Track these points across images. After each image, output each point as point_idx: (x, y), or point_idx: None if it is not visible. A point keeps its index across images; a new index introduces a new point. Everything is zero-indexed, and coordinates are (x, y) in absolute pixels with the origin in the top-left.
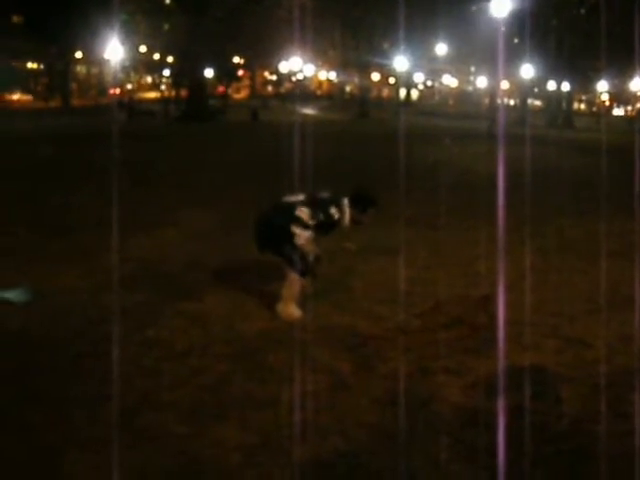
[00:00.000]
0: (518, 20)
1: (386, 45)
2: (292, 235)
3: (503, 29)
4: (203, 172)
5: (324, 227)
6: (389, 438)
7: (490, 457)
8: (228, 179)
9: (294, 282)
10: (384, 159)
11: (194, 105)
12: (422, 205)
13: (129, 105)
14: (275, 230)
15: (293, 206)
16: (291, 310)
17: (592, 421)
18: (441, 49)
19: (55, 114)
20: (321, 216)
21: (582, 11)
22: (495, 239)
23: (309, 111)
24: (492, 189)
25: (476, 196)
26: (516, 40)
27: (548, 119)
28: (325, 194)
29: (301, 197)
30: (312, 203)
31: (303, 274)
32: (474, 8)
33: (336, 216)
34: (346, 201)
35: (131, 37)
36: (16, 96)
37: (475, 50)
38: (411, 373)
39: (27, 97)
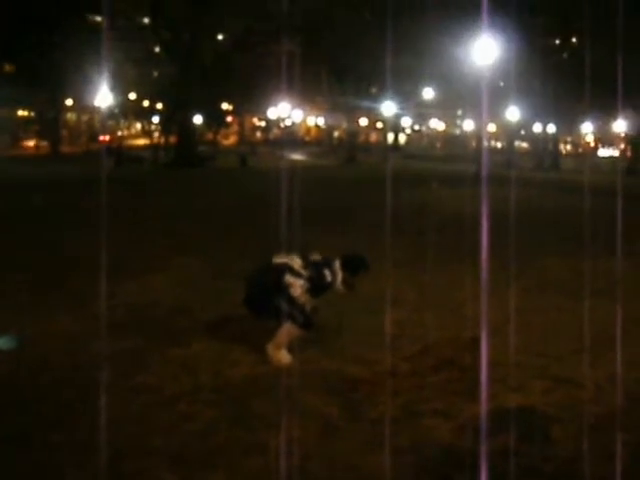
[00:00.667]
0: (503, 64)
1: (373, 90)
2: (287, 286)
3: (488, 74)
4: (191, 219)
5: (316, 289)
6: None
7: None
8: (216, 226)
9: (291, 331)
10: (371, 203)
11: (183, 151)
12: (409, 248)
13: (117, 151)
14: (268, 288)
15: (284, 265)
16: (281, 355)
17: (582, 462)
18: (428, 93)
19: (45, 161)
20: (314, 275)
21: (564, 55)
22: (482, 280)
23: (297, 157)
24: (478, 231)
25: (463, 238)
26: (502, 83)
27: (535, 161)
28: (317, 256)
29: (293, 258)
30: (304, 264)
31: (306, 327)
32: (459, 51)
33: (329, 278)
34: (338, 264)
35: (120, 84)
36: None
37: (461, 94)
38: (400, 417)
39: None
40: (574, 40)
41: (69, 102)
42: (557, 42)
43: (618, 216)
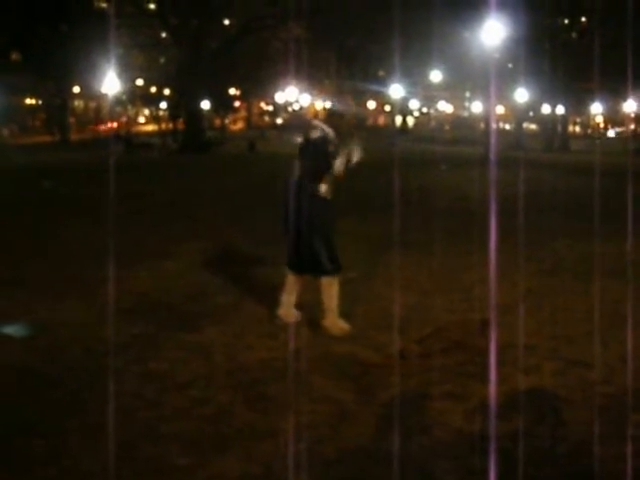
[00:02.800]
0: (511, 45)
1: (381, 73)
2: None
3: (497, 55)
4: (202, 204)
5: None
6: (392, 465)
7: None
8: (226, 210)
9: (332, 287)
10: (380, 186)
11: (191, 137)
12: (419, 231)
13: (127, 138)
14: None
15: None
16: (340, 324)
17: (595, 443)
18: (436, 76)
19: (53, 148)
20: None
21: (574, 35)
22: (492, 263)
23: None
24: (488, 213)
25: (473, 221)
26: (510, 65)
27: (544, 143)
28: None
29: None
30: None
31: (336, 271)
32: (467, 34)
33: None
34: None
35: (128, 71)
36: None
37: (470, 76)
38: (412, 399)
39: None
40: (583, 19)
41: (76, 89)
42: (566, 22)
43: (629, 197)
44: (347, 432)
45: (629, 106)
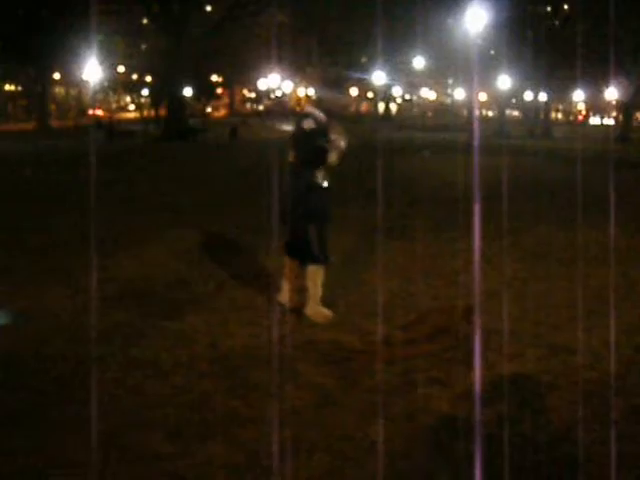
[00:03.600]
0: (494, 32)
1: (364, 60)
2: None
3: (479, 42)
4: (184, 191)
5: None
6: (377, 452)
7: (479, 467)
8: (209, 198)
9: (317, 275)
10: (363, 172)
11: (173, 124)
12: (402, 218)
13: (109, 126)
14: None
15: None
16: (322, 311)
17: (579, 428)
18: (419, 62)
19: (33, 136)
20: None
21: (556, 22)
22: (476, 250)
23: (288, 128)
24: (471, 200)
25: (456, 207)
26: (492, 52)
27: (527, 130)
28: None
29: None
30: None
31: (324, 260)
32: (450, 21)
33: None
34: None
35: (109, 58)
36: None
37: (452, 62)
38: (397, 386)
39: None
40: (565, 7)
41: (57, 76)
42: (548, 9)
43: (611, 183)
44: (331, 419)
45: (610, 93)
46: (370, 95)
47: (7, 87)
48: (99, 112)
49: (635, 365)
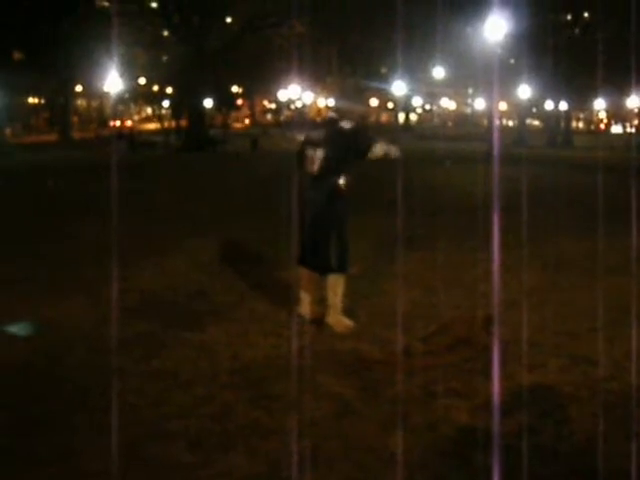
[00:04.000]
0: (514, 41)
1: (384, 70)
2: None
3: (499, 51)
4: (205, 201)
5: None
6: (398, 462)
7: (499, 478)
8: (230, 208)
9: (338, 285)
10: (384, 183)
11: (194, 135)
12: (423, 227)
13: (130, 136)
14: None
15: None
16: (344, 321)
17: (601, 440)
18: (438, 72)
19: (56, 147)
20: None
21: (576, 30)
22: (496, 260)
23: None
24: (492, 210)
25: (476, 217)
26: (512, 61)
27: (547, 139)
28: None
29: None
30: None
31: (344, 269)
32: (469, 30)
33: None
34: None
35: (130, 69)
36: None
37: (472, 72)
38: (417, 396)
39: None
40: (586, 15)
41: (79, 88)
42: (569, 18)
43: (633, 192)
44: (352, 429)
45: (632, 101)
46: (390, 105)
47: (30, 100)
48: (120, 123)
49: None
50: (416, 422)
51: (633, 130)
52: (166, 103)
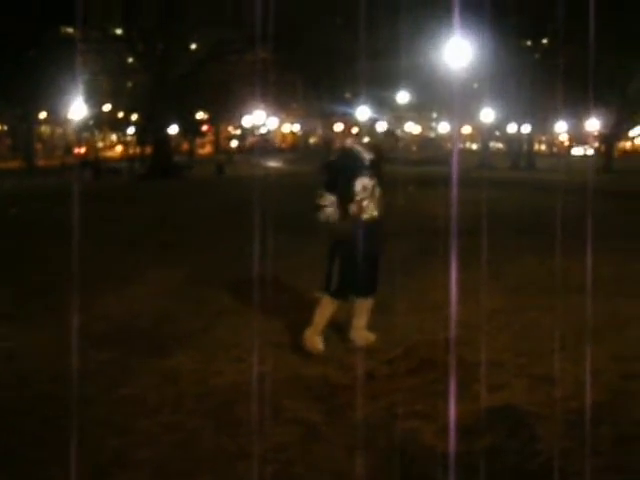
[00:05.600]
0: (477, 65)
1: (348, 95)
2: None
3: (463, 75)
4: (170, 229)
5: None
6: None
7: None
8: (195, 235)
9: (326, 308)
10: None
11: (159, 162)
12: (387, 251)
13: (95, 164)
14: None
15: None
16: (316, 343)
17: (567, 458)
18: (403, 97)
19: (19, 175)
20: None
21: (537, 56)
22: (460, 282)
23: (273, 164)
24: (455, 232)
25: (440, 240)
26: (475, 85)
27: (511, 161)
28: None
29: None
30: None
31: (335, 295)
32: (433, 55)
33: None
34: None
35: (95, 96)
36: None
37: (436, 96)
38: (383, 420)
39: None
40: (546, 41)
41: (43, 115)
42: (529, 43)
43: (594, 214)
44: (318, 453)
45: (591, 124)
46: (355, 130)
47: None
48: (84, 150)
49: (621, 394)
50: (382, 445)
51: (592, 152)
52: (131, 130)
